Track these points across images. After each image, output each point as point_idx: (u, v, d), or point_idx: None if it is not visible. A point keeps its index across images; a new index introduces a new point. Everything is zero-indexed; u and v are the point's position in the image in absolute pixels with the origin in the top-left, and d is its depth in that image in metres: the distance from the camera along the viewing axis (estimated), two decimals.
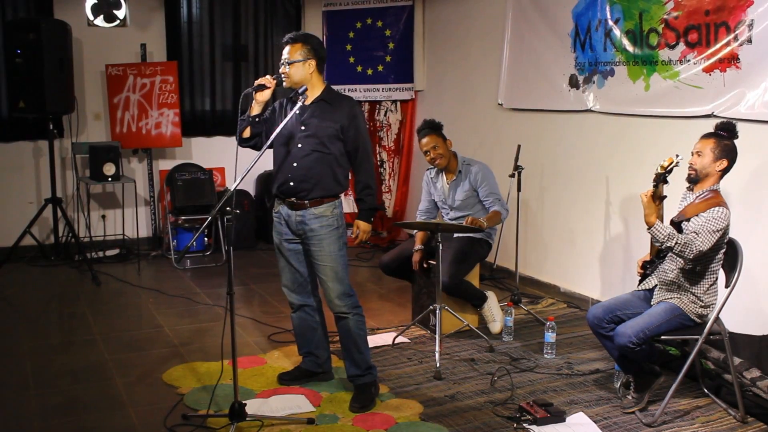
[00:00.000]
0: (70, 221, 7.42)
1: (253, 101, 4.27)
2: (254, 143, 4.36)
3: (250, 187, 8.56)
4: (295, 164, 4.18)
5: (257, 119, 4.30)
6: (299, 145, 4.20)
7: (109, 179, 7.43)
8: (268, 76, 4.22)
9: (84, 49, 7.90)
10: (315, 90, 4.28)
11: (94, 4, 7.96)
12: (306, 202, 4.21)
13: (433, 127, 5.49)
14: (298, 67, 4.21)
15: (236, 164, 4.00)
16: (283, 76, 4.24)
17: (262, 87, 4.18)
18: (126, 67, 7.80)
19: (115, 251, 7.87)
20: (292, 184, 4.22)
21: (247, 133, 4.33)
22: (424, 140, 5.48)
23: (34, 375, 4.75)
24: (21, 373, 4.79)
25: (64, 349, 5.25)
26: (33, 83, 6.92)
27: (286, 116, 4.21)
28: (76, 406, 4.30)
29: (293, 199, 4.24)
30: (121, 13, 8.09)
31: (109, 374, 4.76)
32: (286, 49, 4.26)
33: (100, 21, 8.02)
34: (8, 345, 5.31)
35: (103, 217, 8.17)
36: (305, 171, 4.19)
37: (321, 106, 4.25)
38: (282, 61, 4.26)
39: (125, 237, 8.05)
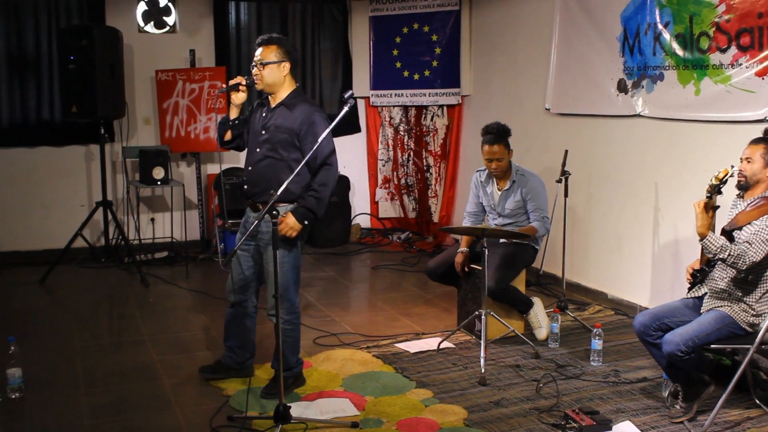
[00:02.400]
0: (120, 224, 7.54)
1: (231, 104, 4.32)
2: (236, 144, 4.46)
3: None
4: (250, 168, 4.27)
5: (235, 122, 4.36)
6: (257, 150, 4.27)
7: (158, 183, 7.53)
8: (239, 77, 4.26)
9: (134, 55, 8.03)
10: (283, 93, 4.31)
11: (145, 11, 8.10)
12: (259, 205, 4.27)
13: (503, 135, 5.36)
14: (272, 68, 4.25)
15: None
16: (255, 78, 4.26)
17: (236, 87, 4.25)
18: (175, 72, 7.90)
19: (164, 254, 7.98)
20: (246, 187, 4.32)
21: (228, 136, 4.43)
22: (494, 148, 5.35)
23: (85, 374, 4.83)
24: (72, 372, 4.88)
25: (114, 350, 5.34)
26: (85, 88, 7.05)
27: (256, 118, 4.33)
28: (124, 405, 4.37)
29: (250, 201, 4.35)
30: (170, 20, 8.21)
31: (157, 375, 4.82)
32: (259, 51, 4.29)
33: (150, 27, 8.15)
34: (60, 345, 5.41)
35: (152, 220, 8.29)
36: (257, 176, 4.26)
37: (281, 112, 4.28)
38: (254, 63, 4.28)
39: (173, 240, 8.15)
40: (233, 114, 4.38)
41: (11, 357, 4.44)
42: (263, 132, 4.28)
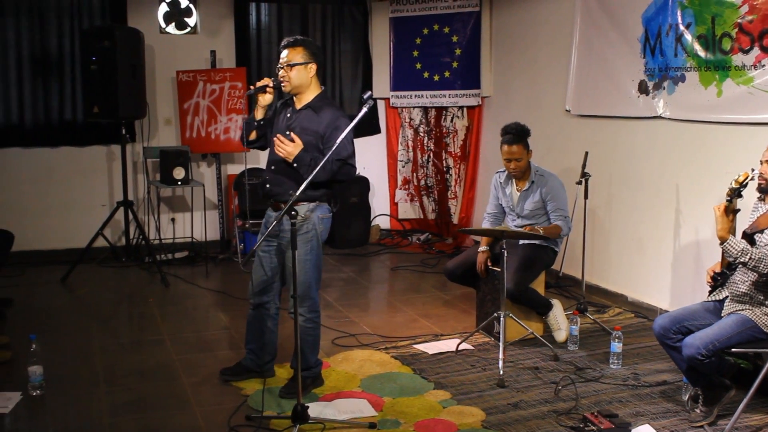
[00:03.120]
0: (141, 224, 7.59)
1: (257, 105, 4.35)
2: (260, 144, 4.51)
3: None
4: (273, 167, 4.28)
5: (261, 122, 4.39)
6: (301, 170, 4.24)
7: (179, 183, 7.57)
8: (266, 79, 4.30)
9: (156, 56, 8.08)
10: (309, 95, 4.34)
11: (166, 12, 8.15)
12: (281, 204, 4.26)
13: (522, 136, 5.36)
14: (299, 70, 4.28)
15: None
16: (282, 80, 4.29)
17: (263, 89, 4.27)
18: (196, 73, 7.95)
19: (184, 254, 8.01)
20: (268, 186, 4.36)
21: (253, 136, 4.47)
22: (513, 148, 5.34)
23: (105, 373, 4.87)
24: (92, 370, 4.91)
25: (134, 349, 5.37)
26: (107, 89, 7.10)
27: (280, 119, 4.35)
28: (143, 404, 4.40)
29: (272, 200, 4.38)
30: (191, 21, 8.26)
31: (176, 374, 4.85)
32: (285, 53, 4.30)
33: (171, 28, 8.20)
34: (81, 343, 5.45)
35: (173, 220, 8.34)
36: (279, 176, 4.29)
37: (307, 114, 4.31)
38: (280, 65, 4.29)
39: (194, 240, 8.19)
40: (259, 115, 4.41)
41: (33, 355, 4.48)
42: (288, 133, 4.29)
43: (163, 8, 8.14)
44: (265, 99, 4.36)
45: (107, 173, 8.07)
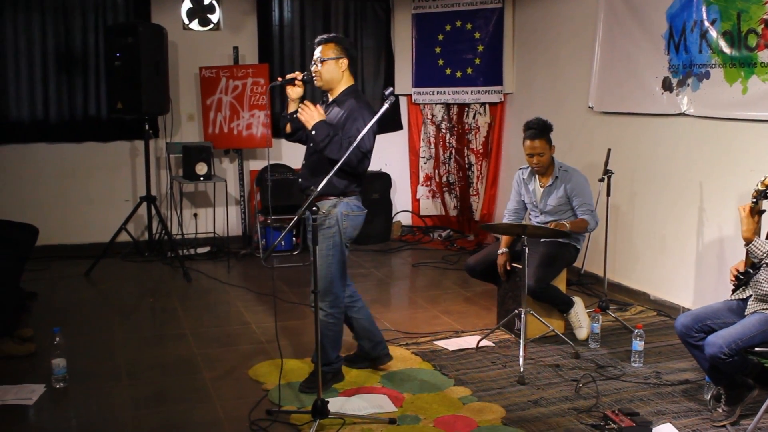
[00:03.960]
0: (164, 219, 7.64)
1: (288, 99, 4.41)
2: (298, 137, 4.52)
3: None
4: (304, 162, 4.28)
5: (293, 115, 4.40)
6: (310, 144, 4.34)
7: (201, 179, 7.61)
8: (297, 72, 4.34)
9: (179, 52, 8.12)
10: (339, 89, 4.39)
11: (189, 8, 8.18)
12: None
13: (545, 131, 5.34)
14: (330, 65, 4.32)
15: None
16: (314, 75, 4.34)
17: (292, 81, 4.31)
18: (219, 69, 7.98)
19: (206, 249, 8.06)
20: (300, 180, 4.39)
21: (288, 129, 4.49)
22: (536, 143, 5.32)
23: (127, 366, 4.91)
24: (115, 363, 4.96)
25: (156, 343, 5.41)
26: (130, 85, 7.15)
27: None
28: (165, 397, 4.43)
29: (304, 194, 4.36)
30: (214, 17, 8.29)
31: (197, 368, 4.88)
32: (318, 49, 4.36)
33: (194, 25, 8.24)
34: (103, 337, 5.50)
35: (195, 215, 8.38)
36: (309, 170, 4.33)
37: (333, 108, 4.37)
38: (313, 61, 4.36)
39: (216, 235, 8.23)
40: (291, 108, 4.45)
41: (56, 348, 4.52)
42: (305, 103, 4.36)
43: (187, 5, 8.18)
44: (295, 92, 4.41)
45: (130, 169, 8.12)
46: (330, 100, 4.44)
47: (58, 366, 4.51)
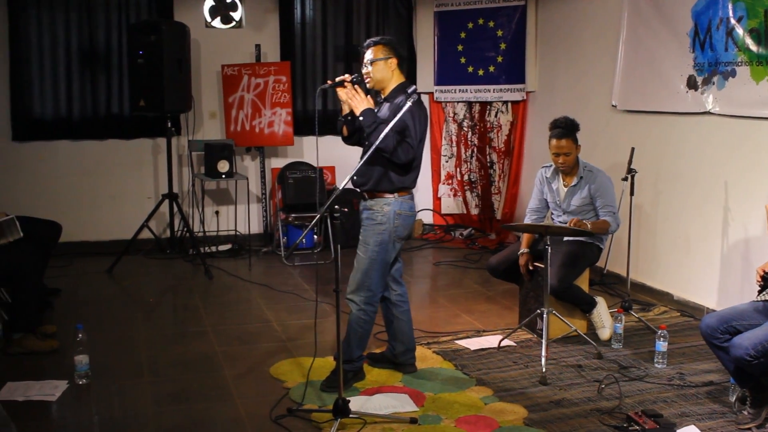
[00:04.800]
0: (186, 216, 7.67)
1: (341, 102, 4.44)
2: (356, 139, 4.55)
3: None
4: (360, 160, 4.28)
5: (348, 117, 4.43)
6: (366, 143, 4.36)
7: (223, 176, 7.63)
8: (346, 75, 4.39)
9: (201, 50, 8.15)
10: (390, 87, 4.45)
11: (212, 6, 8.21)
12: (365, 194, 4.45)
13: (572, 130, 5.32)
14: (379, 65, 4.39)
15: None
16: (365, 77, 4.41)
17: (341, 83, 4.34)
18: (241, 67, 8.00)
19: (228, 246, 8.08)
20: (355, 178, 4.41)
21: (345, 132, 4.53)
22: (562, 142, 5.29)
23: (149, 363, 4.93)
24: (136, 360, 4.98)
25: (177, 340, 5.43)
26: (153, 83, 7.18)
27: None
28: (186, 395, 4.44)
29: (358, 191, 4.49)
30: (237, 15, 8.31)
31: (219, 366, 4.89)
32: (368, 52, 4.43)
33: (217, 22, 8.26)
34: (125, 334, 5.52)
35: (217, 212, 8.41)
36: (363, 168, 4.34)
37: (384, 106, 4.42)
38: (364, 63, 4.43)
39: (237, 233, 8.26)
40: (345, 110, 4.47)
41: (79, 344, 4.54)
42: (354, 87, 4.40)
43: (209, 3, 8.20)
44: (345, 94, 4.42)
45: (153, 166, 8.16)
46: (382, 98, 4.50)
47: (80, 362, 4.54)
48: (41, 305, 5.63)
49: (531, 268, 5.39)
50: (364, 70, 4.44)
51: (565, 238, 5.42)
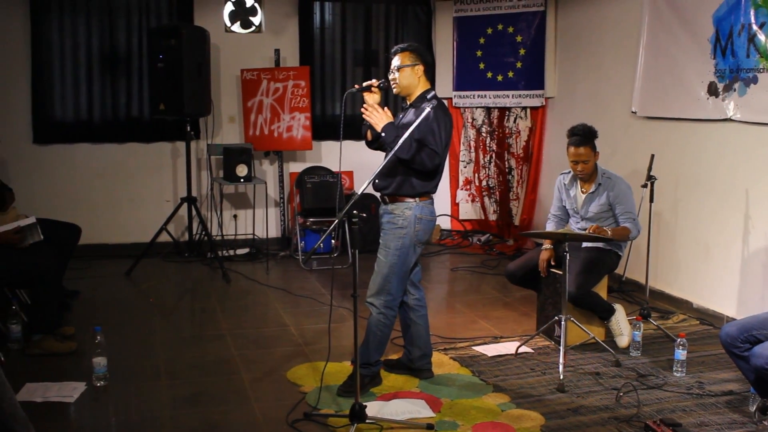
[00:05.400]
0: (204, 220, 7.69)
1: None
2: (379, 145, 4.56)
3: None
4: (381, 164, 4.28)
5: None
6: (389, 148, 4.34)
7: (242, 180, 7.65)
8: (374, 80, 4.44)
9: (221, 54, 8.18)
10: (417, 93, 4.46)
11: (232, 11, 8.25)
12: (386, 198, 4.46)
13: (590, 137, 5.30)
14: (406, 71, 4.41)
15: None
16: (392, 83, 4.43)
17: (368, 88, 4.39)
18: (260, 71, 8.02)
19: (245, 250, 8.10)
20: (377, 181, 4.43)
21: (369, 136, 4.55)
22: (581, 150, 5.27)
23: (166, 366, 4.94)
24: (154, 363, 4.99)
25: (194, 343, 5.44)
26: (173, 87, 7.21)
27: (396, 120, 4.46)
28: (203, 398, 4.45)
29: (379, 195, 4.51)
30: (256, 20, 8.34)
31: (236, 369, 4.90)
32: (395, 58, 4.46)
33: (236, 27, 8.30)
34: (143, 336, 5.55)
35: (235, 216, 8.43)
36: (385, 172, 4.36)
37: (410, 112, 4.43)
38: (391, 69, 4.46)
39: (255, 237, 8.27)
40: None
41: (97, 346, 4.56)
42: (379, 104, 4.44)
43: (229, 7, 8.25)
44: (372, 98, 4.45)
45: (172, 169, 8.20)
46: (408, 104, 4.52)
47: (98, 364, 4.56)
48: (60, 307, 5.66)
49: (553, 263, 5.36)
50: (390, 76, 4.46)
51: (584, 245, 5.39)
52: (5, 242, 5.08)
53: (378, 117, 4.30)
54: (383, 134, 4.28)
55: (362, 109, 4.38)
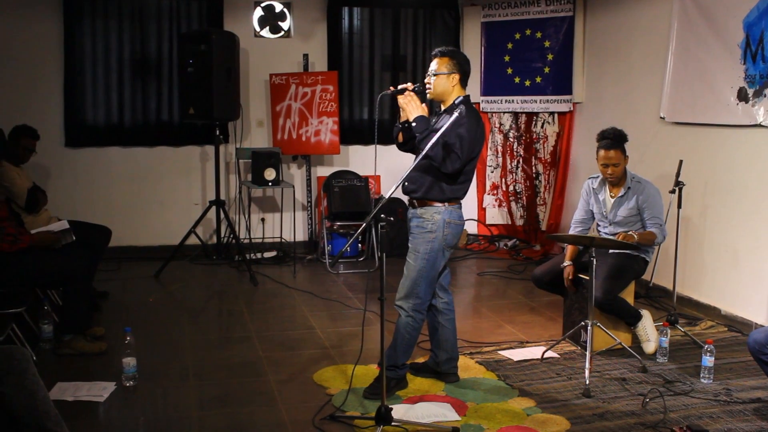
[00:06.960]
0: (232, 223, 7.75)
1: (401, 109, 4.46)
2: (410, 146, 4.59)
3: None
4: (412, 167, 4.29)
5: (405, 124, 4.47)
6: (418, 148, 4.36)
7: (270, 184, 7.70)
8: (409, 83, 4.42)
9: (250, 59, 8.25)
10: (450, 100, 4.47)
11: (261, 16, 8.32)
12: (415, 202, 4.47)
13: (620, 141, 5.29)
14: (441, 78, 4.42)
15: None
16: (427, 86, 4.44)
17: (402, 91, 4.38)
18: (288, 76, 8.08)
19: (273, 253, 8.15)
20: (406, 184, 4.46)
21: (400, 138, 4.58)
22: (611, 153, 5.26)
23: (194, 367, 4.99)
24: (182, 364, 5.04)
25: (222, 345, 5.49)
26: (202, 91, 7.28)
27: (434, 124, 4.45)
28: (230, 399, 4.49)
29: (407, 199, 4.52)
30: (285, 25, 8.40)
31: (263, 371, 4.93)
32: (434, 62, 4.46)
33: (266, 32, 8.37)
34: (172, 337, 5.60)
35: (263, 220, 8.49)
36: (415, 175, 4.39)
37: (443, 118, 4.41)
38: (428, 72, 4.46)
39: (282, 240, 8.33)
40: (403, 117, 4.50)
41: (127, 347, 4.62)
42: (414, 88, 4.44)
43: (258, 13, 8.32)
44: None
45: (201, 173, 8.27)
46: (442, 110, 4.53)
47: (128, 365, 4.61)
48: (90, 308, 5.73)
49: (571, 277, 5.35)
50: (426, 80, 4.47)
51: (611, 251, 5.37)
52: (40, 244, 5.16)
53: (414, 107, 4.31)
54: (414, 124, 4.28)
55: (399, 95, 4.36)
